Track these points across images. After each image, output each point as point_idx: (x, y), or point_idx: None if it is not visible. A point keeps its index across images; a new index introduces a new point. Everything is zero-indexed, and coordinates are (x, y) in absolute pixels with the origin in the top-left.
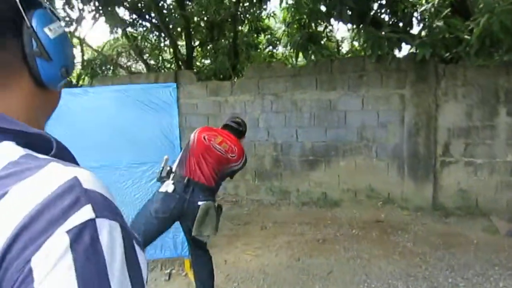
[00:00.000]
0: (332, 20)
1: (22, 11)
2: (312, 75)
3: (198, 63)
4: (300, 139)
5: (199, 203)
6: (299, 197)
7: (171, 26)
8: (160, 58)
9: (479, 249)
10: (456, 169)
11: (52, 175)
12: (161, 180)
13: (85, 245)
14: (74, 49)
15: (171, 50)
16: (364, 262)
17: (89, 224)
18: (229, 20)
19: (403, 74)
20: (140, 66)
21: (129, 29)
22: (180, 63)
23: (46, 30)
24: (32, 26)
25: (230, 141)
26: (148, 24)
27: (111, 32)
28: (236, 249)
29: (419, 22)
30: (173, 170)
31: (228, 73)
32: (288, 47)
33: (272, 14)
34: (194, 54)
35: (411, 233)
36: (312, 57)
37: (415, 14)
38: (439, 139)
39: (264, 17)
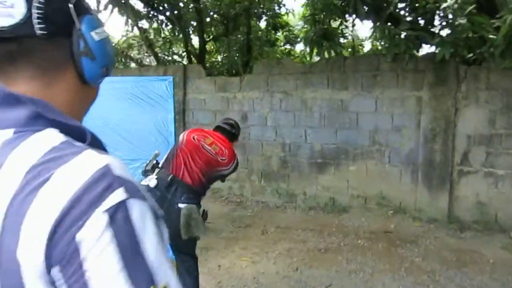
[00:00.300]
0: (348, 16)
1: (74, 16)
2: (324, 73)
3: (213, 58)
4: (309, 140)
5: (180, 205)
6: (306, 201)
7: (184, 20)
8: (171, 51)
9: (495, 270)
10: (475, 180)
11: (88, 162)
12: (146, 174)
13: (120, 222)
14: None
15: (184, 44)
16: (367, 276)
17: (122, 204)
18: (244, 14)
19: (420, 75)
20: (150, 59)
21: (143, 21)
22: (192, 57)
23: (92, 33)
24: (81, 29)
25: (221, 143)
26: (162, 17)
27: (126, 24)
28: (233, 253)
29: (441, 19)
30: (160, 165)
31: (241, 68)
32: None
33: (291, 10)
34: (208, 48)
35: (422, 247)
36: (326, 54)
37: (438, 11)
38: (457, 147)
39: (283, 13)
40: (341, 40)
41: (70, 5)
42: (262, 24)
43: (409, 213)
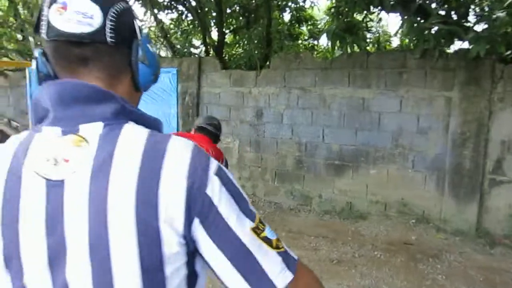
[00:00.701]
0: (373, 8)
1: (137, 29)
2: (345, 69)
3: (233, 51)
4: (326, 140)
5: None
6: (321, 204)
7: (203, 11)
8: (188, 43)
9: None
10: (509, 190)
11: (183, 141)
12: None
13: (225, 179)
14: None
15: (202, 36)
16: None
17: (219, 167)
18: (264, 6)
19: (451, 74)
20: (167, 51)
21: (160, 12)
22: (209, 50)
23: (148, 45)
24: (141, 40)
25: (205, 145)
26: (182, 8)
27: (144, 14)
28: None
29: (476, 12)
30: None
31: (260, 62)
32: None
33: (315, 3)
34: (229, 41)
35: (445, 263)
36: (348, 49)
37: (472, 4)
38: (490, 153)
39: (307, 6)
40: (366, 34)
41: (135, 21)
42: (286, 17)
43: (433, 224)
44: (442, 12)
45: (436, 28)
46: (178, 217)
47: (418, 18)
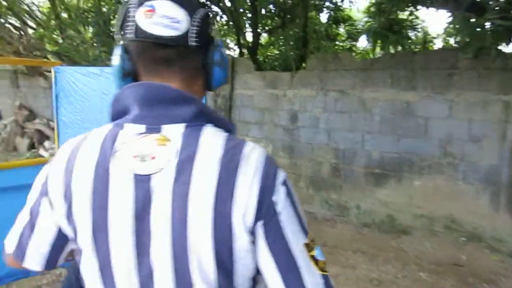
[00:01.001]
0: (420, 5)
1: (217, 34)
2: (387, 70)
3: (269, 52)
4: (366, 147)
5: None
6: (360, 215)
7: (238, 11)
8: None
9: None
10: None
11: (257, 148)
12: None
13: (289, 190)
14: None
15: (236, 36)
16: None
17: (285, 178)
18: (301, 5)
19: (509, 75)
20: None
21: None
22: (244, 51)
23: (223, 50)
24: (219, 45)
25: None
26: (216, 9)
27: None
28: None
29: None
30: None
31: (295, 63)
32: (365, 37)
33: (354, 3)
34: (264, 42)
35: None
36: (391, 49)
37: None
38: None
39: (345, 7)
40: (410, 33)
41: (215, 27)
42: (323, 17)
43: (486, 243)
44: (497, 7)
45: (490, 24)
46: (249, 216)
47: (470, 13)
